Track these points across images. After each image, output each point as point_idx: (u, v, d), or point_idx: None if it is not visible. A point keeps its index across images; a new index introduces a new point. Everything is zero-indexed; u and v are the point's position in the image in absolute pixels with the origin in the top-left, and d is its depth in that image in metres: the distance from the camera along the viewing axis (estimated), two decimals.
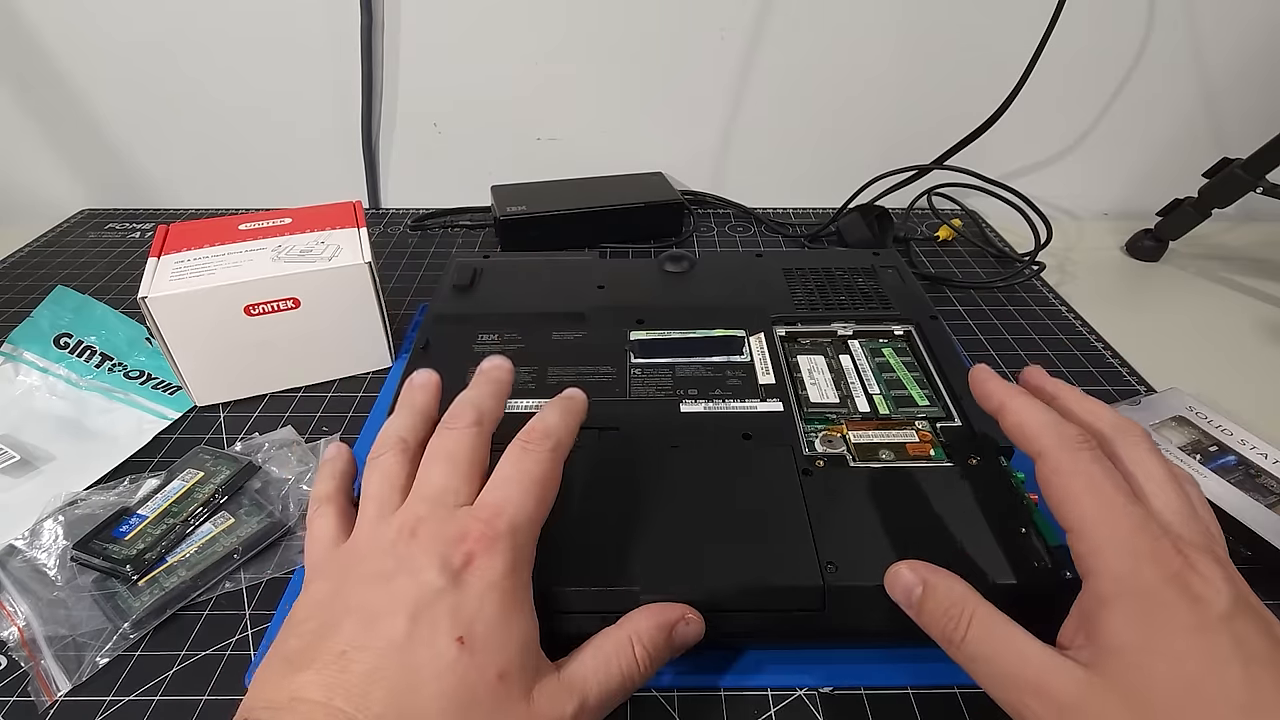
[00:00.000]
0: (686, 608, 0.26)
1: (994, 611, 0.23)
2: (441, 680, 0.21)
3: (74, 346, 0.46)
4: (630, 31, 0.62)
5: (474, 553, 0.23)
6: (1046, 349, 0.49)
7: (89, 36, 0.62)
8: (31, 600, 0.31)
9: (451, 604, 0.22)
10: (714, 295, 0.45)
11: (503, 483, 0.25)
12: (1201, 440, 0.38)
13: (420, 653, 0.21)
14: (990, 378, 0.28)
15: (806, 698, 0.28)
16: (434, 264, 0.61)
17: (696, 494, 0.31)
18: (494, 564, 0.23)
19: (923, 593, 0.24)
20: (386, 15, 0.61)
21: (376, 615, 0.22)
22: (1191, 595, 0.20)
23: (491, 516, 0.24)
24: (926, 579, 0.24)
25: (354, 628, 0.22)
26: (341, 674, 0.20)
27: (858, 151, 0.68)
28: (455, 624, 0.21)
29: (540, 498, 0.25)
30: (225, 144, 0.68)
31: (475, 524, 0.24)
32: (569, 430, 0.28)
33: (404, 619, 0.21)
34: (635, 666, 0.24)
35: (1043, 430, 0.25)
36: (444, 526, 0.24)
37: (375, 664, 0.21)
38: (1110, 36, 0.62)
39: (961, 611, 0.23)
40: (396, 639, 0.21)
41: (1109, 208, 0.72)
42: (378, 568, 0.23)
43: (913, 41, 0.63)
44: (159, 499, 0.35)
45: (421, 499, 0.25)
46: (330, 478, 0.29)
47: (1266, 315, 0.54)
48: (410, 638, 0.21)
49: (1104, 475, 0.23)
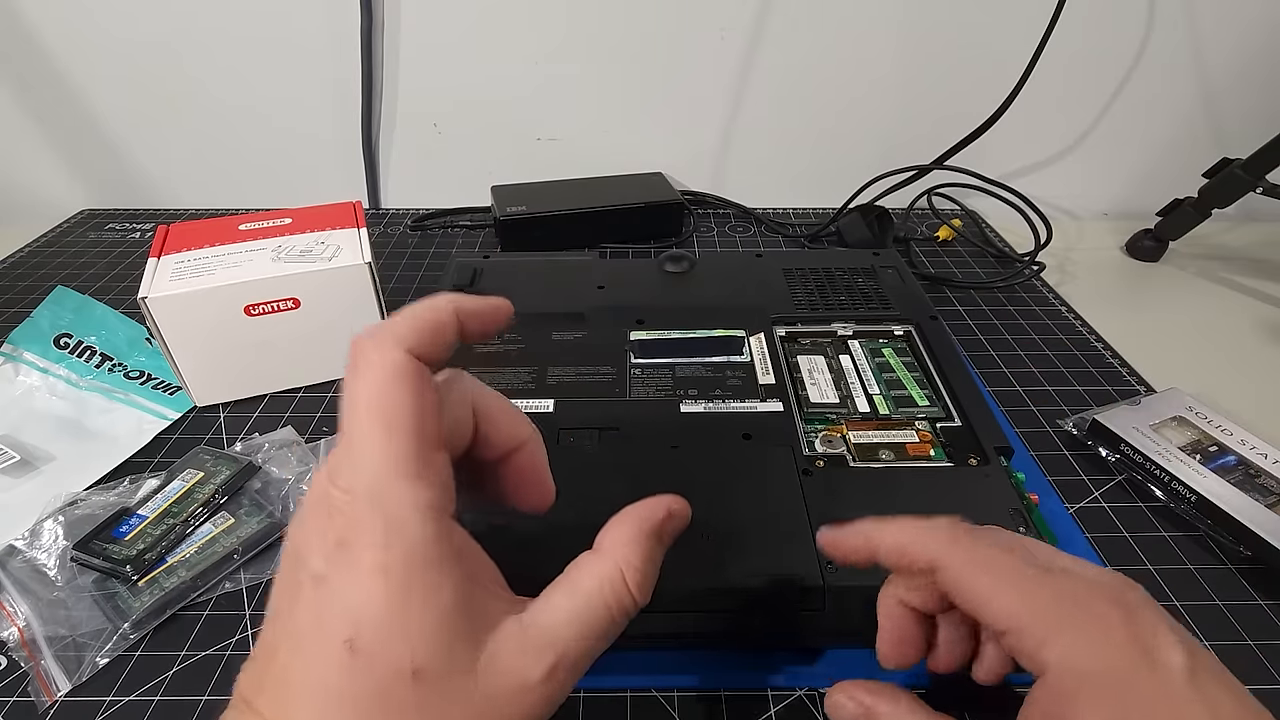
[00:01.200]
0: (668, 498, 0.22)
1: None
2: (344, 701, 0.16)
3: (74, 347, 0.46)
4: (630, 32, 0.62)
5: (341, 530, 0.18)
6: (1046, 349, 0.49)
7: (89, 36, 0.62)
8: (31, 600, 0.31)
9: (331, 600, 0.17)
10: (714, 295, 0.45)
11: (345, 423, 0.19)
12: (1201, 440, 0.38)
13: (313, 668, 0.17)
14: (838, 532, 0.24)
15: (806, 698, 0.28)
16: (434, 264, 0.61)
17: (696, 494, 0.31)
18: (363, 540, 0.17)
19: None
20: (386, 15, 0.61)
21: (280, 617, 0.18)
22: (1151, 662, 0.19)
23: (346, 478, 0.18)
24: (870, 709, 0.22)
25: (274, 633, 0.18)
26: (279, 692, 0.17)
27: (858, 151, 0.68)
28: (342, 624, 0.17)
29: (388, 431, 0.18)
30: (225, 144, 0.68)
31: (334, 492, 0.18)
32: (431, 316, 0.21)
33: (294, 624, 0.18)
34: (629, 597, 0.20)
35: (920, 537, 0.22)
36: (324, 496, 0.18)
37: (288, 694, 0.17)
38: (1110, 36, 0.62)
39: None
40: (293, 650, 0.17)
41: (1109, 208, 0.72)
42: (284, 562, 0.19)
43: (913, 41, 0.63)
44: (159, 499, 0.35)
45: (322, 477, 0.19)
46: None
47: (1266, 315, 0.54)
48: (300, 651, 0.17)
49: (1006, 554, 0.21)
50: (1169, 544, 0.35)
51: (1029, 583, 0.20)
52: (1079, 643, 0.19)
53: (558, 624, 0.19)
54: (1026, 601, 0.20)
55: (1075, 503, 0.37)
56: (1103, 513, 0.37)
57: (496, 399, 0.23)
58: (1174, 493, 0.36)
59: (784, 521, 0.29)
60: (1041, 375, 0.47)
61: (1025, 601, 0.20)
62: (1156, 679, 0.18)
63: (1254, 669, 0.30)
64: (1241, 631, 0.31)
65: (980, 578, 0.21)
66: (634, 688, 0.28)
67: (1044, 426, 0.42)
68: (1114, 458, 0.39)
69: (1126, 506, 0.37)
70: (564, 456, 0.33)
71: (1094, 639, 0.19)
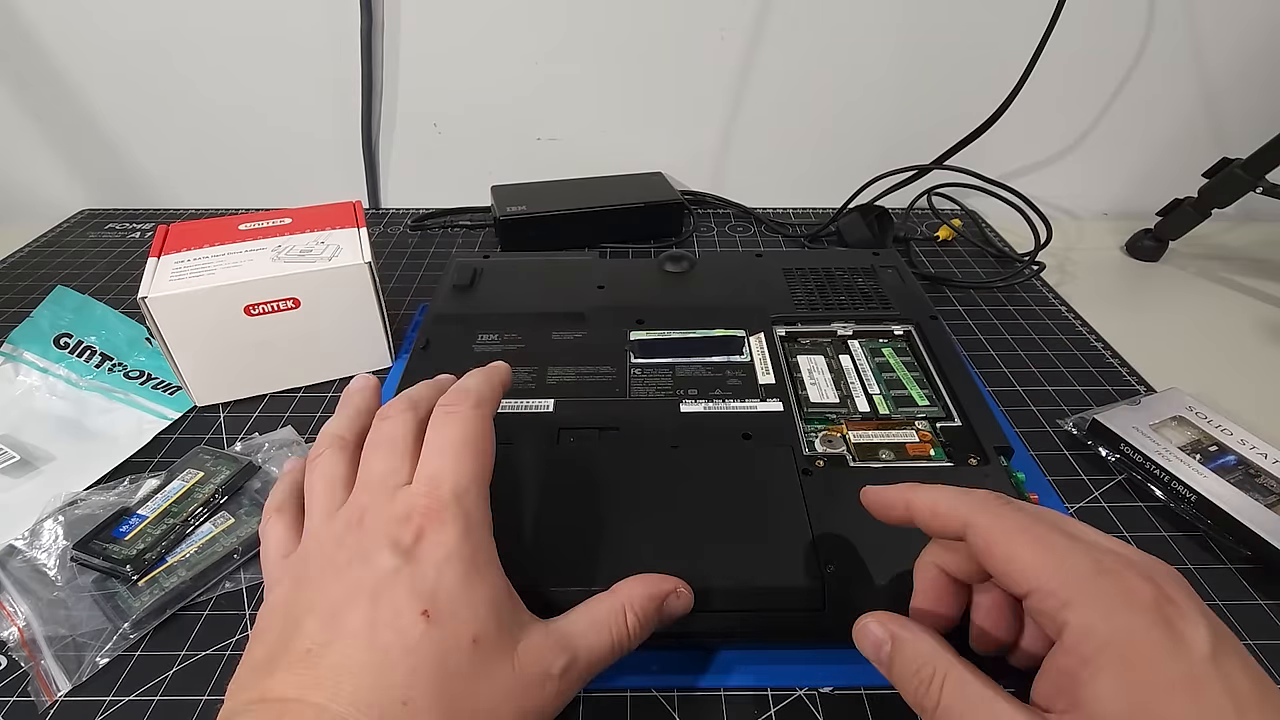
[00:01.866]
0: (679, 581, 0.26)
1: (969, 672, 0.21)
2: (412, 656, 0.21)
3: (74, 346, 0.46)
4: (630, 32, 0.62)
5: (422, 527, 0.23)
6: (1046, 349, 0.49)
7: (88, 35, 0.62)
8: (31, 600, 0.31)
9: (409, 581, 0.22)
10: (714, 295, 0.45)
11: (434, 453, 0.25)
12: (1201, 440, 0.38)
13: (385, 634, 0.21)
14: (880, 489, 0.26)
15: (806, 698, 0.28)
16: (434, 264, 0.61)
17: (696, 494, 0.31)
18: (445, 534, 0.23)
19: (891, 649, 0.23)
20: (386, 16, 0.61)
21: (336, 608, 0.22)
22: (1175, 635, 0.19)
23: (431, 488, 0.24)
24: (895, 634, 0.23)
25: (316, 624, 0.22)
26: (310, 670, 0.21)
27: (857, 151, 0.68)
28: (417, 599, 0.21)
29: (475, 458, 0.25)
30: (225, 144, 0.68)
31: (418, 499, 0.24)
32: (490, 387, 0.28)
33: (364, 605, 0.21)
34: (625, 633, 0.24)
35: (958, 501, 0.23)
36: (388, 508, 0.24)
37: (343, 654, 0.21)
38: (1110, 36, 0.62)
39: (933, 673, 0.21)
40: (359, 626, 0.21)
41: (1109, 208, 0.72)
42: (330, 562, 0.23)
43: (913, 42, 0.63)
44: (159, 499, 0.35)
45: (364, 488, 0.25)
46: (281, 490, 0.28)
47: (1266, 315, 0.54)
48: (373, 622, 0.21)
49: (1038, 521, 0.21)
50: (1169, 544, 0.35)
51: (1057, 548, 0.20)
52: (1102, 608, 0.19)
53: (575, 632, 0.24)
54: (1053, 563, 0.20)
55: (1075, 503, 0.37)
56: (1103, 513, 0.37)
57: None
58: (1174, 493, 0.36)
59: (784, 521, 0.29)
60: (1041, 375, 0.47)
61: (1051, 563, 0.20)
62: (1177, 653, 0.18)
63: None
64: (1241, 631, 0.31)
65: (1008, 539, 0.21)
66: (634, 688, 0.28)
67: (1044, 426, 0.42)
68: (1114, 458, 0.39)
69: (1126, 506, 0.37)
70: (564, 456, 0.33)
71: (1118, 607, 0.19)
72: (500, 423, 0.35)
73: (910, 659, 0.22)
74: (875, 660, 0.23)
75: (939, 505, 0.23)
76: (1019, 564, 0.21)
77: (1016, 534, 0.21)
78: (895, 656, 0.22)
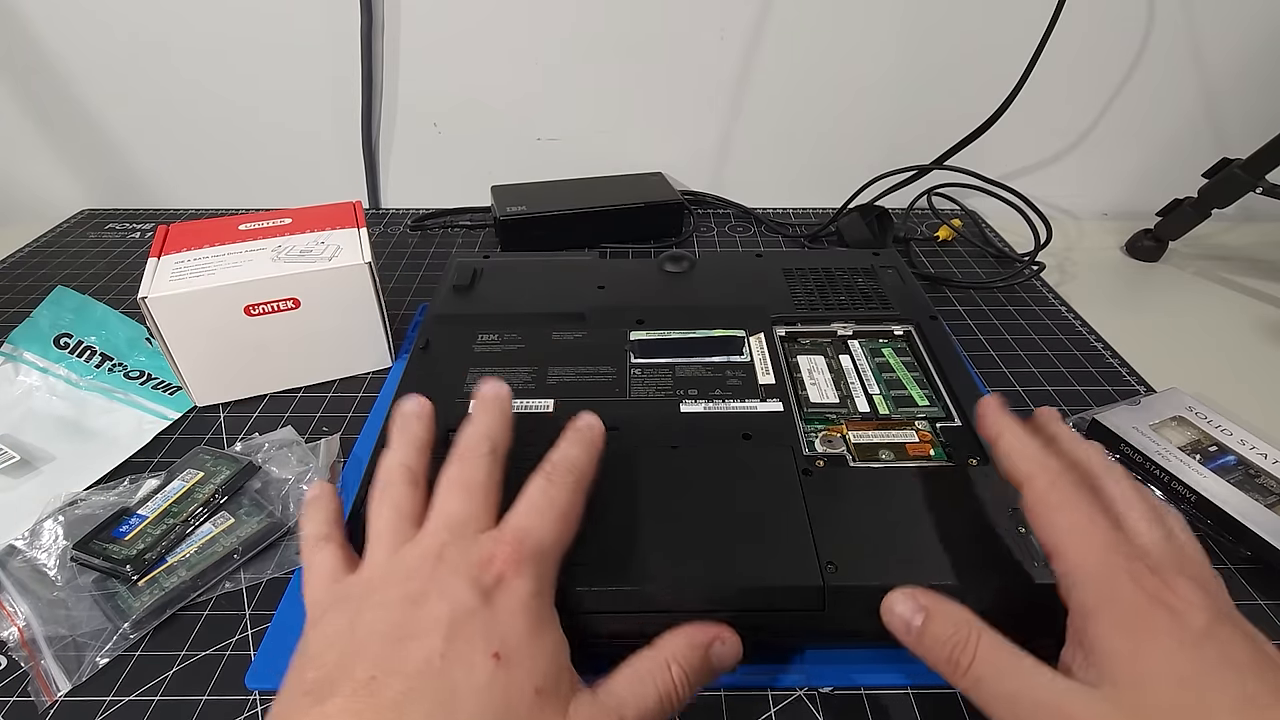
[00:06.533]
0: (722, 627, 0.26)
1: (998, 637, 0.23)
2: (480, 696, 0.21)
3: (74, 346, 0.46)
4: (630, 31, 0.62)
5: (504, 573, 0.23)
6: (1046, 349, 0.49)
7: (89, 36, 0.62)
8: (31, 600, 0.31)
9: (485, 622, 0.22)
10: (714, 295, 0.45)
11: (528, 509, 0.26)
12: (1201, 440, 0.38)
13: (455, 670, 0.21)
14: (994, 409, 0.28)
15: (806, 698, 0.28)
16: (434, 264, 0.61)
17: (696, 494, 0.31)
18: (523, 584, 0.23)
19: (924, 619, 0.24)
20: (386, 15, 0.61)
21: (407, 638, 0.22)
22: (1170, 609, 0.21)
23: (518, 540, 0.24)
24: (928, 606, 0.24)
25: (381, 652, 0.21)
26: (372, 698, 0.20)
27: (857, 151, 0.68)
28: (490, 640, 0.22)
29: (564, 527, 0.26)
30: (225, 144, 0.68)
31: (502, 546, 0.24)
32: (590, 462, 0.28)
33: (439, 639, 0.22)
34: (672, 687, 0.24)
35: (1029, 460, 0.26)
36: (470, 550, 0.24)
37: (409, 686, 0.21)
38: (1110, 37, 0.62)
39: (967, 637, 0.23)
40: (431, 659, 0.21)
41: (1109, 208, 0.72)
42: (404, 592, 0.23)
43: (913, 41, 0.63)
44: (159, 499, 0.35)
45: (443, 527, 0.25)
46: (322, 517, 0.28)
47: (1266, 315, 0.54)
48: (446, 657, 0.21)
49: (1082, 500, 0.24)
50: None
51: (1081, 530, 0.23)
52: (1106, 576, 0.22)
53: (622, 694, 0.24)
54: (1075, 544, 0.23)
55: None
56: None
57: None
58: (1174, 493, 0.36)
59: (784, 521, 0.29)
60: (1041, 375, 0.47)
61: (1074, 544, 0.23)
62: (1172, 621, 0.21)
63: None
64: None
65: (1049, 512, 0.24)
66: None
67: None
68: (1114, 458, 0.39)
69: None
70: None
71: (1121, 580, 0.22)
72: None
73: (945, 626, 0.24)
74: (903, 633, 0.25)
75: (1013, 454, 0.26)
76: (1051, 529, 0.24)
77: (1059, 503, 0.24)
78: (928, 626, 0.24)
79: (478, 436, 0.28)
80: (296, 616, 0.31)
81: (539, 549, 0.25)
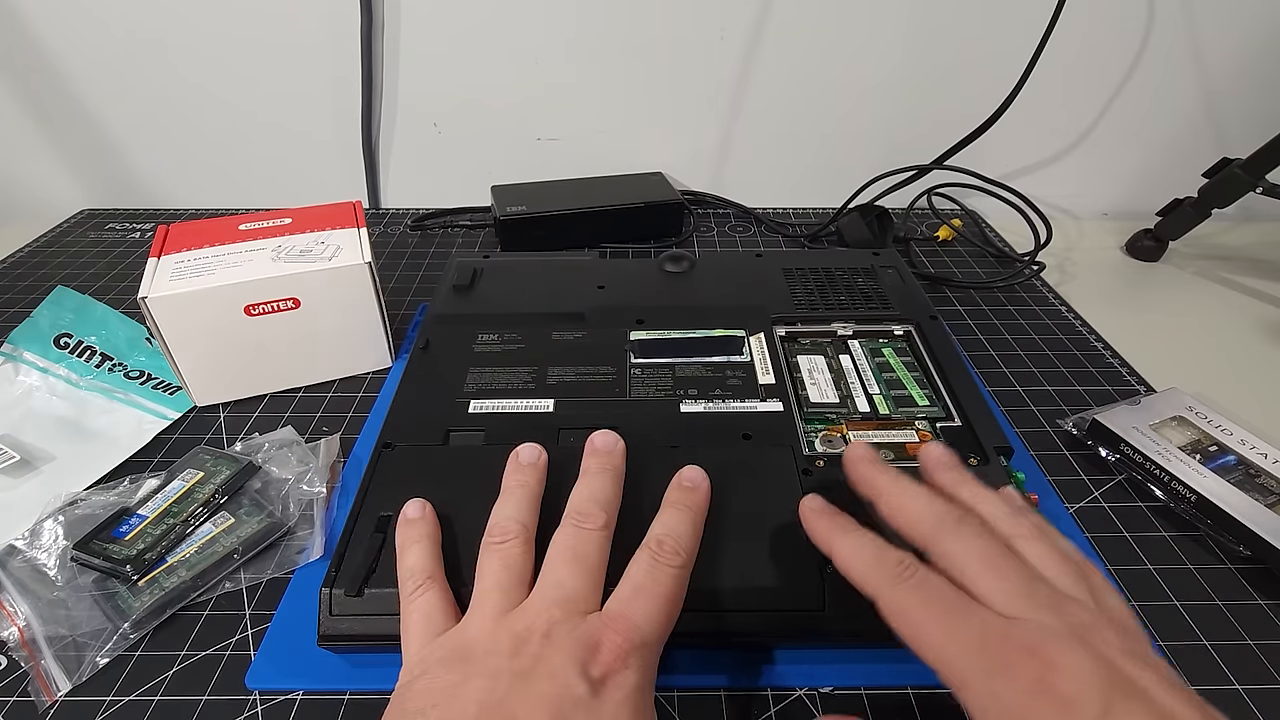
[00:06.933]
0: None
1: None
2: None
3: (74, 346, 0.46)
4: (630, 32, 0.62)
5: (611, 665, 0.23)
6: (1046, 349, 0.49)
7: (89, 35, 0.62)
8: (31, 600, 0.31)
9: (592, 711, 0.22)
10: (714, 295, 0.45)
11: (634, 594, 0.25)
12: (1201, 440, 0.38)
13: None
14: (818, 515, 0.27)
15: (806, 698, 0.28)
16: (434, 264, 0.61)
17: None
18: (629, 677, 0.23)
19: None
20: (386, 15, 0.61)
21: (513, 713, 0.22)
22: (1060, 702, 0.19)
23: (627, 629, 0.24)
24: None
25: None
26: None
27: (858, 151, 0.68)
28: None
29: (669, 614, 0.25)
30: (225, 144, 0.68)
31: (611, 634, 0.24)
32: (696, 541, 0.28)
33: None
34: None
35: (868, 571, 0.24)
36: (577, 630, 0.24)
37: None
38: (1110, 36, 0.62)
39: None
40: None
41: (1109, 208, 0.72)
42: (510, 666, 0.23)
43: (913, 41, 0.63)
44: (159, 499, 0.35)
45: (553, 601, 0.25)
46: (425, 550, 0.28)
47: (1266, 315, 0.54)
48: None
49: (933, 598, 0.22)
50: (1169, 544, 0.35)
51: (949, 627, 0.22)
52: (987, 689, 0.20)
53: None
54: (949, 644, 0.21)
55: (1075, 503, 0.37)
56: (1103, 513, 0.37)
57: None
58: (1174, 493, 0.36)
59: (784, 521, 0.29)
60: (1041, 375, 0.47)
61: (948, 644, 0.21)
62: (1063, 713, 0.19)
63: (1254, 669, 0.30)
64: (1241, 631, 0.31)
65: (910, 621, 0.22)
66: None
67: (1044, 426, 0.42)
68: (1114, 458, 0.39)
69: (1126, 506, 0.37)
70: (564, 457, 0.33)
71: (1001, 687, 0.20)
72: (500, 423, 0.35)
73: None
74: None
75: (852, 570, 0.24)
76: (922, 645, 0.22)
77: (914, 613, 0.22)
78: None
79: (595, 505, 0.28)
80: (296, 616, 0.31)
81: (645, 639, 0.24)
